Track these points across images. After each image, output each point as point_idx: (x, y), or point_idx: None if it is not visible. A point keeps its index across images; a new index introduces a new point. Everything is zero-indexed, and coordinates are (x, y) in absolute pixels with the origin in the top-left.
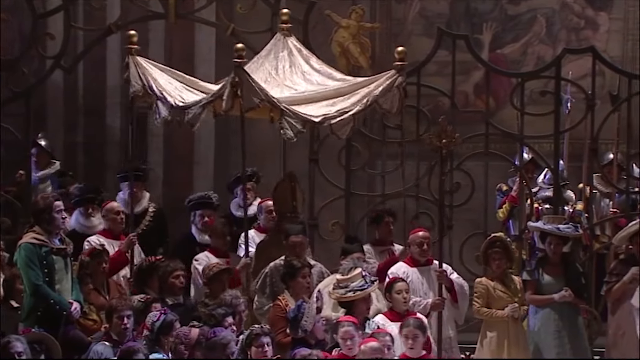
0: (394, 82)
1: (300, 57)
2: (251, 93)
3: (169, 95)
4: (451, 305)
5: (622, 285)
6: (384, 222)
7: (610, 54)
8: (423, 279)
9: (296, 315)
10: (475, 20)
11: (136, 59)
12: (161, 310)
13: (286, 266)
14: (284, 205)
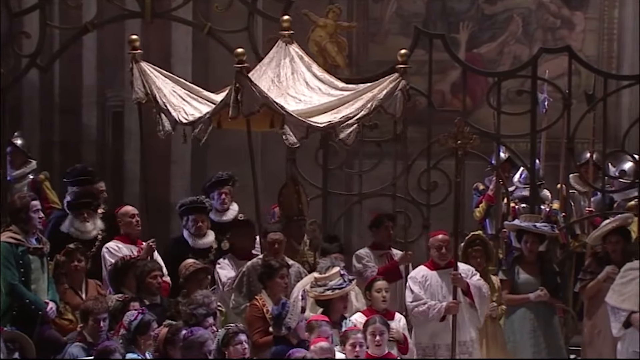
0: (397, 85)
1: (302, 64)
2: (252, 98)
3: (172, 108)
4: (470, 308)
5: (597, 283)
6: (383, 226)
7: (586, 54)
8: (442, 282)
9: (280, 313)
10: (452, 20)
11: (140, 65)
12: (139, 310)
13: (264, 266)
14: (290, 209)
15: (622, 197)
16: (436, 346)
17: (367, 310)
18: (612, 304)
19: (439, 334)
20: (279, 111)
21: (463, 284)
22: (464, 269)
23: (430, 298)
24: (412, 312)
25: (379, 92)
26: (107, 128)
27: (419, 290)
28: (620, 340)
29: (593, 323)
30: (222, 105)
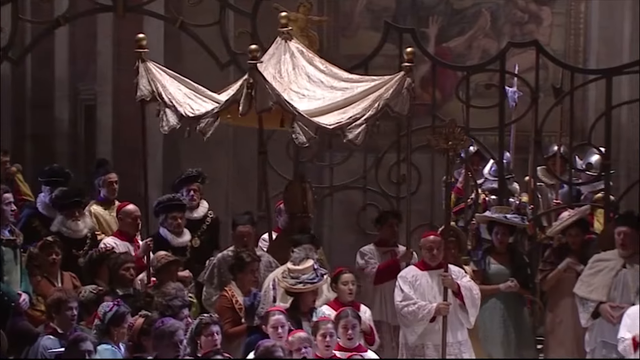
0: (403, 84)
1: (303, 58)
2: (265, 95)
3: (178, 104)
4: (460, 309)
5: (557, 274)
6: (387, 223)
7: (554, 48)
8: (433, 282)
9: (252, 304)
10: (422, 14)
11: (146, 64)
12: (114, 302)
13: (236, 258)
14: (294, 205)
15: (589, 189)
16: (425, 346)
17: (333, 302)
18: (581, 295)
19: (428, 334)
20: (290, 110)
21: (454, 286)
22: (454, 270)
23: (420, 298)
24: (401, 311)
25: (385, 91)
26: (80, 121)
27: (409, 290)
28: (589, 330)
29: (554, 313)
30: (231, 101)
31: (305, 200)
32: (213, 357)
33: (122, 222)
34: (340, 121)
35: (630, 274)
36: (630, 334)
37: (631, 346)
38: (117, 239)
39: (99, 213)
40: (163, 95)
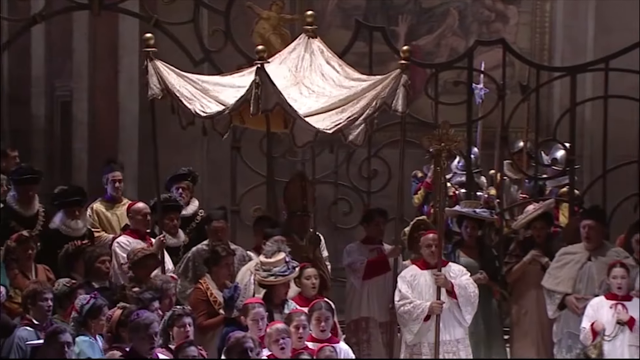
0: (399, 81)
1: (322, 57)
2: (269, 95)
3: (188, 102)
4: (456, 308)
5: (522, 266)
6: (374, 221)
7: (520, 46)
8: (431, 282)
9: (232, 296)
10: (391, 13)
11: (155, 63)
12: (92, 295)
13: (211, 252)
14: (294, 204)
15: (555, 184)
16: (421, 345)
17: (297, 297)
18: (548, 287)
19: (424, 333)
20: (290, 112)
21: (447, 285)
22: (455, 268)
23: (418, 297)
24: (399, 311)
25: (382, 89)
26: (56, 117)
27: (407, 289)
28: (556, 321)
29: (520, 304)
30: (242, 101)
31: (305, 199)
32: (186, 348)
33: (133, 220)
34: (339, 122)
35: (595, 266)
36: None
37: (590, 334)
38: (129, 237)
39: (101, 211)
40: (175, 92)
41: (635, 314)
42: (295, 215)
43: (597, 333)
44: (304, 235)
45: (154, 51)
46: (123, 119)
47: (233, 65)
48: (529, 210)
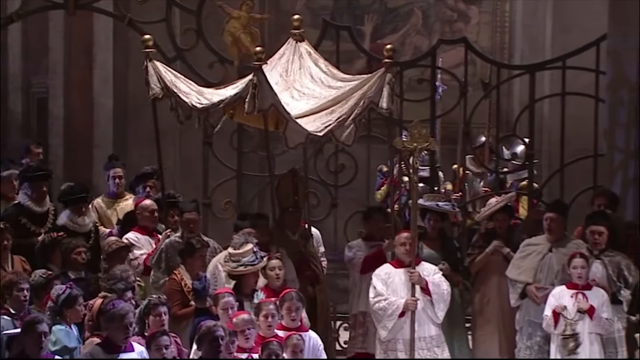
0: (384, 80)
1: (309, 59)
2: (264, 96)
3: (186, 97)
4: (430, 305)
5: (485, 257)
6: (373, 219)
7: (481, 45)
8: (406, 279)
9: (204, 287)
10: (357, 13)
11: (154, 63)
12: (67, 285)
13: (186, 244)
14: (285, 200)
15: (515, 177)
16: (396, 341)
17: (264, 288)
18: (511, 277)
19: (399, 329)
20: (284, 114)
21: (421, 282)
22: (427, 267)
23: (393, 295)
24: (373, 307)
25: (368, 89)
26: (32, 113)
27: (382, 287)
28: (518, 310)
29: (482, 293)
30: (237, 97)
31: (297, 195)
32: (159, 337)
33: (141, 216)
34: (329, 123)
35: (555, 257)
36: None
37: (552, 320)
38: (137, 233)
39: (100, 206)
40: (173, 88)
41: (595, 302)
42: (287, 211)
43: (558, 316)
44: (296, 230)
45: (153, 52)
46: (98, 115)
47: (204, 63)
48: (491, 203)
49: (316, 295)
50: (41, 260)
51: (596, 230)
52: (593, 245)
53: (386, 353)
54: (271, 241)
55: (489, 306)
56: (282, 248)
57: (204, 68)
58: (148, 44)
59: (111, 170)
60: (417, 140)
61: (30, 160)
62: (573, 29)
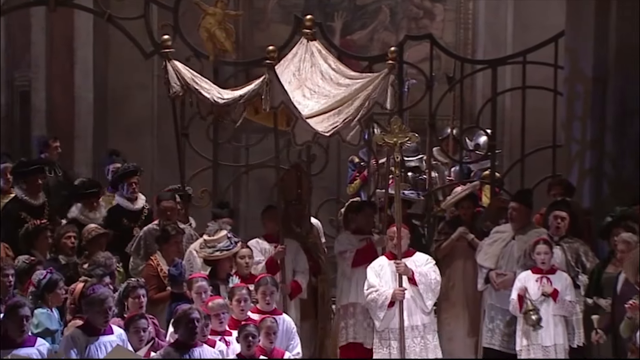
0: (387, 81)
1: (320, 57)
2: (275, 94)
3: (207, 93)
4: (418, 295)
5: (451, 242)
6: (362, 212)
7: (446, 40)
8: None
9: (180, 272)
10: (328, 10)
11: (173, 63)
12: (48, 270)
13: (162, 231)
14: (289, 193)
15: (478, 167)
16: (389, 330)
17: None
18: (479, 262)
19: (391, 319)
20: (294, 112)
21: (408, 272)
22: (421, 258)
23: (385, 286)
24: (367, 299)
25: (372, 90)
26: (15, 106)
27: (375, 279)
28: (484, 293)
29: (447, 277)
30: (255, 93)
31: (300, 189)
32: (138, 320)
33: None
34: (336, 124)
35: (517, 244)
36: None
37: (517, 303)
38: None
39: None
40: (193, 85)
41: (559, 286)
42: (290, 204)
43: (522, 299)
44: (300, 223)
45: (172, 52)
46: (78, 107)
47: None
48: (457, 191)
49: (318, 286)
50: (25, 247)
51: (559, 215)
52: (555, 230)
53: (380, 342)
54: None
55: (454, 290)
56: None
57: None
58: (167, 44)
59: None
60: (397, 136)
61: (49, 155)
62: (532, 26)
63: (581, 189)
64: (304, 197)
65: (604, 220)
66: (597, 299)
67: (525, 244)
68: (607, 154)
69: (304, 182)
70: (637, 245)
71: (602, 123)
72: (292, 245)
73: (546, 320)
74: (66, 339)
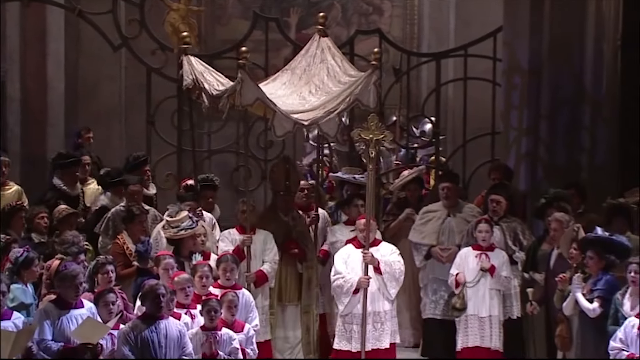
0: (370, 80)
1: (329, 53)
2: (249, 92)
3: (210, 86)
4: (382, 283)
5: (398, 223)
6: (353, 204)
7: (393, 35)
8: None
9: (146, 249)
10: (284, 6)
11: (188, 58)
12: (24, 248)
13: (127, 211)
14: (278, 184)
15: (424, 152)
16: (352, 315)
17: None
18: (415, 241)
19: (355, 304)
20: (271, 107)
21: (374, 262)
22: (386, 248)
23: (351, 273)
24: (333, 285)
25: (355, 87)
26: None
27: (341, 266)
28: (422, 269)
29: None
30: (233, 89)
31: (288, 180)
32: (106, 294)
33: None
34: (316, 116)
35: (454, 221)
36: (457, 271)
37: (454, 282)
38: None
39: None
40: (201, 81)
41: (496, 262)
42: (278, 195)
43: (460, 283)
44: (287, 212)
45: (189, 47)
46: (51, 96)
47: (147, 50)
48: (404, 174)
49: (303, 272)
50: (1, 226)
51: (495, 199)
52: (492, 212)
53: (343, 326)
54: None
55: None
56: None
57: (147, 54)
58: (185, 41)
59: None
60: (373, 132)
61: (82, 144)
62: (473, 22)
63: (518, 172)
64: (292, 188)
65: (539, 201)
66: (533, 273)
67: (463, 220)
68: (542, 140)
69: (292, 174)
70: (569, 224)
71: (537, 112)
72: (263, 236)
73: (483, 293)
74: (40, 312)
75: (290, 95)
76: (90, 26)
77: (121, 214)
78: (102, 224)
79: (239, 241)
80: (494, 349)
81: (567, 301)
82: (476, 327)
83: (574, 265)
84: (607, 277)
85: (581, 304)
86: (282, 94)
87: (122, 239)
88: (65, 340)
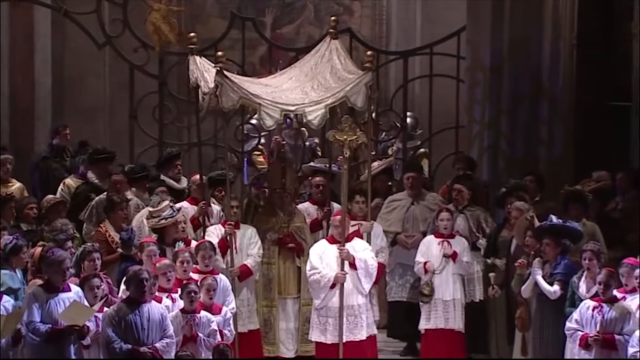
0: (363, 81)
1: (335, 54)
2: (231, 94)
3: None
4: (356, 278)
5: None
6: (354, 201)
7: (363, 34)
8: (338, 255)
9: (130, 237)
10: (260, 6)
11: (195, 57)
12: (14, 236)
13: (108, 200)
14: (274, 182)
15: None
16: (328, 308)
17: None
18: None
19: (331, 298)
20: (254, 102)
21: (349, 258)
22: (360, 244)
23: (326, 268)
24: (309, 279)
25: (347, 84)
26: None
27: (317, 261)
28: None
29: None
30: (212, 93)
31: (284, 178)
32: (92, 279)
33: (191, 189)
34: (302, 103)
35: (418, 209)
36: (424, 259)
37: (422, 269)
38: (187, 203)
39: (71, 185)
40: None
41: (458, 249)
42: (275, 192)
43: (428, 271)
44: (283, 209)
45: (196, 48)
46: (38, 92)
47: (130, 48)
48: (374, 166)
49: (301, 266)
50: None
51: (458, 188)
52: (455, 201)
53: (318, 319)
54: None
55: None
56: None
57: (129, 52)
58: (192, 41)
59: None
60: (347, 134)
61: (59, 141)
62: (438, 21)
63: (481, 164)
64: (288, 186)
65: (500, 190)
66: (494, 259)
67: (426, 208)
68: (503, 134)
69: (289, 172)
70: (528, 212)
71: (498, 107)
72: (247, 230)
73: (447, 278)
74: (29, 295)
75: (294, 90)
76: (76, 25)
77: (104, 203)
78: (86, 212)
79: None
80: (457, 330)
81: (526, 284)
82: (440, 310)
83: (531, 252)
84: (565, 261)
85: (542, 287)
86: (287, 87)
87: (104, 227)
88: (53, 322)
